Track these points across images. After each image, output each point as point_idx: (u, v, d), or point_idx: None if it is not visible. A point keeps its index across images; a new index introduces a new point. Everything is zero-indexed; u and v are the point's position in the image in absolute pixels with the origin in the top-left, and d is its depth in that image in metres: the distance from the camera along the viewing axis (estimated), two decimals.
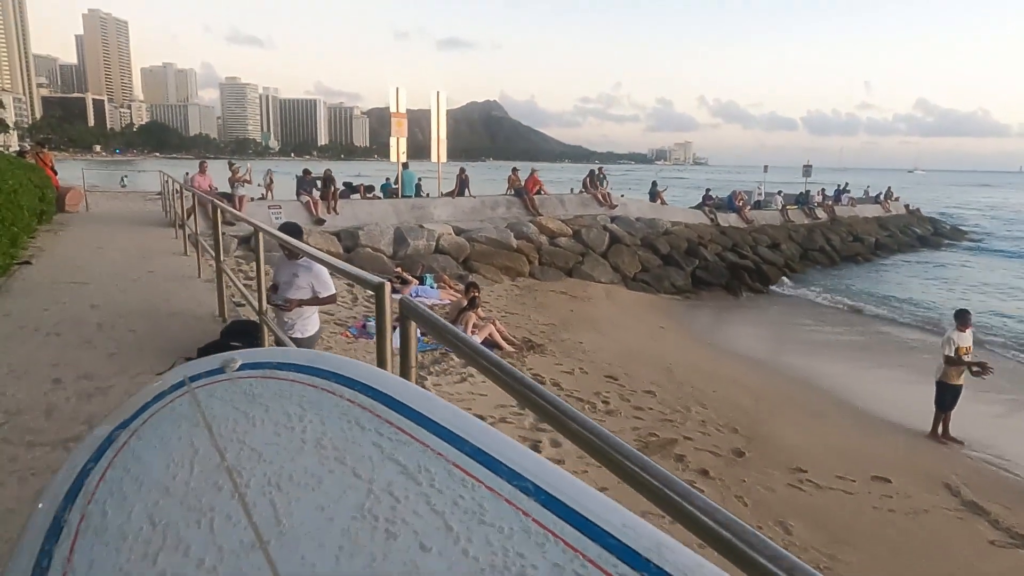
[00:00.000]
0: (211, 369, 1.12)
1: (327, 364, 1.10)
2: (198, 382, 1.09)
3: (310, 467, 0.86)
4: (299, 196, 14.18)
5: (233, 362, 1.12)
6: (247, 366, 1.12)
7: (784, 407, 7.99)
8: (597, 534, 0.69)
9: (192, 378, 1.10)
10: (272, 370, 1.11)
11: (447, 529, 0.73)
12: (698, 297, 16.36)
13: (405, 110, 15.45)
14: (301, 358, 1.13)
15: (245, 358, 1.14)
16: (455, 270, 13.87)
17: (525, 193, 17.64)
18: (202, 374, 1.11)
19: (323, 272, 4.72)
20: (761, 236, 22.47)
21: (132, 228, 12.26)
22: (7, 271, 6.99)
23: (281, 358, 1.14)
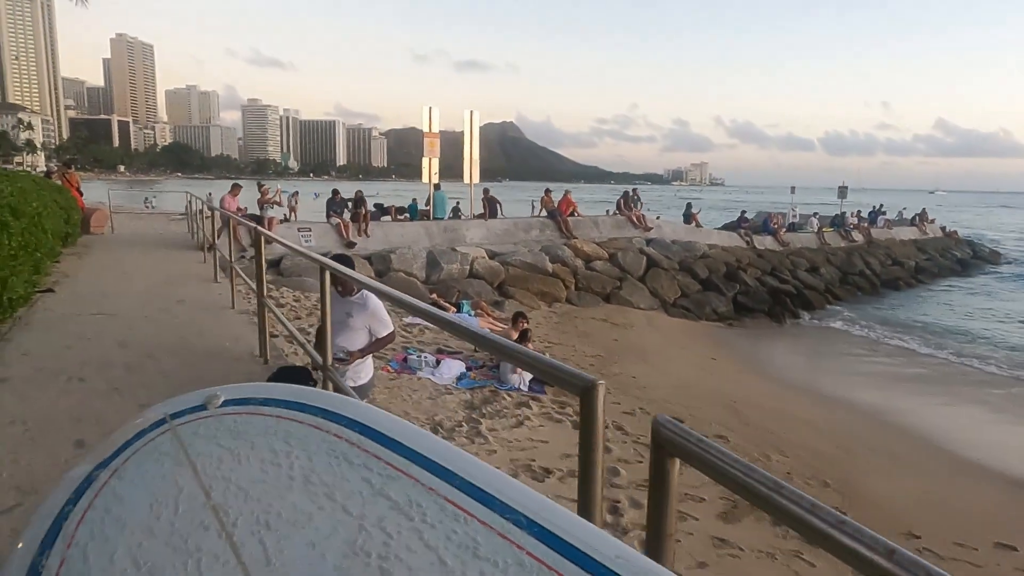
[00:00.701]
0: (193, 406, 1.11)
1: (312, 399, 1.10)
2: (180, 419, 1.08)
3: (299, 504, 0.86)
4: (329, 218, 13.70)
5: (216, 398, 1.12)
6: (230, 402, 1.11)
7: (868, 453, 7.23)
8: (592, 566, 0.70)
9: (173, 415, 1.09)
10: (256, 406, 1.10)
11: (441, 564, 0.74)
12: (741, 324, 15.59)
13: (438, 130, 14.98)
14: (285, 393, 1.13)
15: (227, 394, 1.13)
16: (490, 295, 13.26)
17: (559, 215, 17.06)
18: (184, 411, 1.10)
19: (379, 308, 4.13)
20: (799, 259, 21.69)
21: (158, 251, 11.80)
22: (29, 301, 6.48)
23: (265, 393, 1.14)
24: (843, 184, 28.49)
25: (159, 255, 11.25)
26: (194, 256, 11.22)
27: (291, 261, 12.17)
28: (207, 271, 9.53)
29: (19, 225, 6.32)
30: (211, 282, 8.55)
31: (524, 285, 13.99)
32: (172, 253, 11.58)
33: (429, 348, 8.93)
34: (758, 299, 17.13)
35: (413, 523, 0.80)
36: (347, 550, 0.77)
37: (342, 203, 13.83)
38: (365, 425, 1.01)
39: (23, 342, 5.09)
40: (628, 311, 14.45)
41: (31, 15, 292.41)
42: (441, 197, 15.65)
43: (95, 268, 9.24)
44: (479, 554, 0.74)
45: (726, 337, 13.74)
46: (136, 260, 10.37)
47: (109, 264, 9.74)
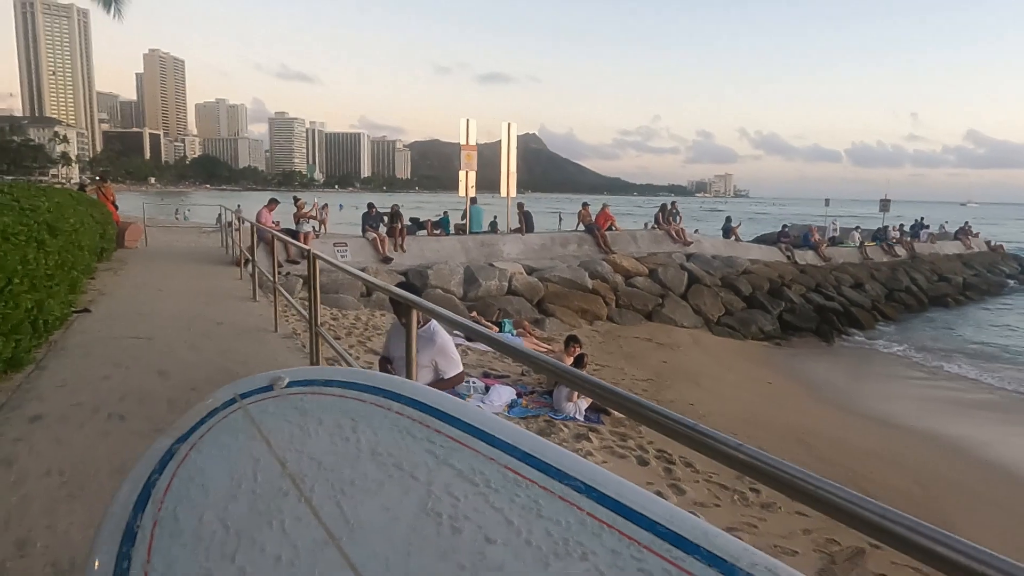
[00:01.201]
0: (260, 387, 1.18)
1: (371, 380, 1.17)
2: (249, 399, 1.15)
3: (369, 473, 0.93)
4: (365, 232, 13.37)
5: (280, 380, 1.18)
6: (294, 383, 1.18)
7: (960, 495, 6.61)
8: (647, 524, 0.75)
9: (243, 395, 1.16)
10: (319, 387, 1.17)
11: (508, 523, 0.80)
12: (789, 343, 14.93)
13: (475, 143, 14.63)
14: (346, 376, 1.21)
15: (292, 376, 1.20)
16: (530, 313, 12.81)
17: (596, 229, 16.58)
18: (252, 391, 1.17)
19: (448, 344, 3.69)
20: (843, 275, 20.91)
21: (193, 266, 11.56)
22: (64, 322, 6.17)
23: (326, 376, 1.21)
24: (885, 197, 27.61)
25: (194, 270, 10.99)
26: (229, 272, 10.95)
27: (327, 277, 11.83)
28: (244, 289, 9.21)
29: (56, 243, 6.03)
30: (250, 301, 8.22)
31: (564, 302, 13.51)
32: (207, 268, 11.32)
33: (474, 371, 8.50)
34: (804, 317, 16.46)
35: (478, 488, 0.86)
36: (419, 512, 0.84)
37: (378, 217, 13.51)
38: (423, 403, 1.09)
39: (59, 370, 4.74)
40: (672, 329, 13.90)
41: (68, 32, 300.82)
42: (478, 211, 15.27)
43: (130, 285, 8.97)
44: (542, 514, 0.80)
45: (776, 358, 13.11)
46: (171, 276, 10.10)
47: (144, 280, 9.48)
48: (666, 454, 6.37)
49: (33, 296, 4.93)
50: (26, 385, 4.38)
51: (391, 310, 11.32)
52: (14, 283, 4.45)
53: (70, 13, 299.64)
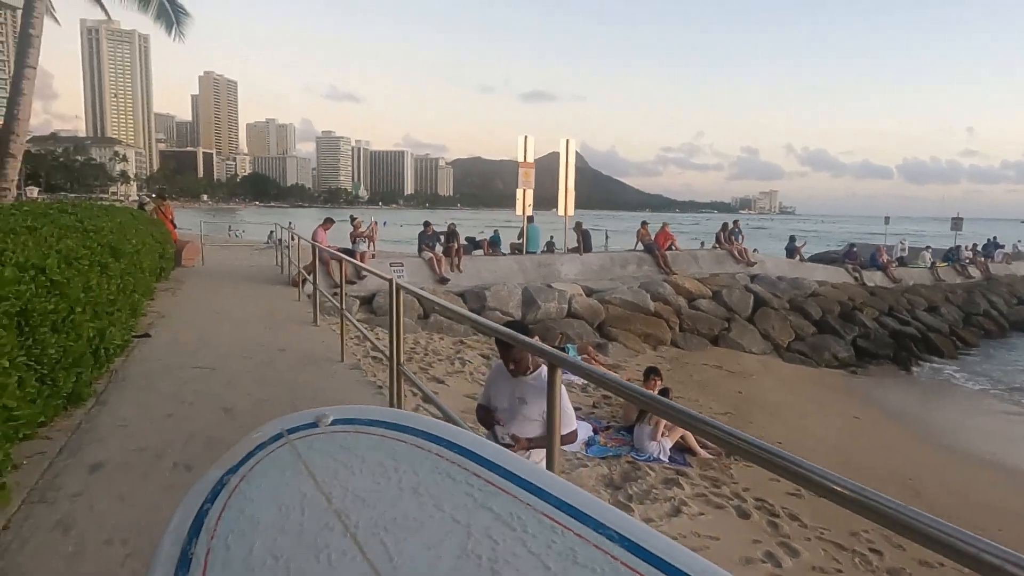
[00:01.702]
0: (306, 423, 1.24)
1: (412, 422, 1.24)
2: (295, 434, 1.20)
3: (411, 512, 0.97)
4: (421, 251, 13.04)
5: (325, 417, 1.24)
6: (338, 421, 1.24)
7: None
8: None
9: (290, 430, 1.22)
10: (362, 426, 1.23)
11: (545, 568, 0.82)
12: (866, 371, 13.98)
13: (534, 160, 14.21)
14: (388, 416, 1.28)
15: (336, 414, 1.26)
16: (591, 337, 12.25)
17: (656, 248, 15.94)
18: (298, 427, 1.23)
19: (563, 397, 3.18)
20: (916, 298, 19.71)
21: (249, 286, 11.36)
22: (126, 348, 5.89)
23: (369, 415, 1.28)
24: (957, 215, 26.11)
25: (251, 291, 10.78)
26: (286, 292, 10.70)
27: (383, 297, 11.50)
28: (303, 311, 8.91)
29: (118, 267, 5.77)
30: (310, 325, 7.88)
31: (626, 326, 12.91)
32: (263, 288, 11.11)
33: None
34: (880, 343, 15.47)
35: (515, 533, 0.90)
36: (460, 553, 0.87)
37: (434, 236, 13.16)
38: (462, 447, 1.15)
39: (120, 406, 4.40)
40: (740, 356, 13.14)
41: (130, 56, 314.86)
42: (535, 230, 14.82)
43: (189, 307, 8.75)
44: (578, 561, 0.83)
45: (857, 388, 12.21)
46: (229, 297, 9.89)
47: (202, 302, 9.26)
48: (766, 504, 5.72)
49: (95, 324, 4.63)
50: (86, 425, 4.04)
51: (457, 332, 10.91)
52: (76, 312, 4.14)
53: (132, 39, 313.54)
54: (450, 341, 10.54)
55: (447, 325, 11.18)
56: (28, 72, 10.58)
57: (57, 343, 3.80)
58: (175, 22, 17.00)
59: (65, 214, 6.95)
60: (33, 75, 10.76)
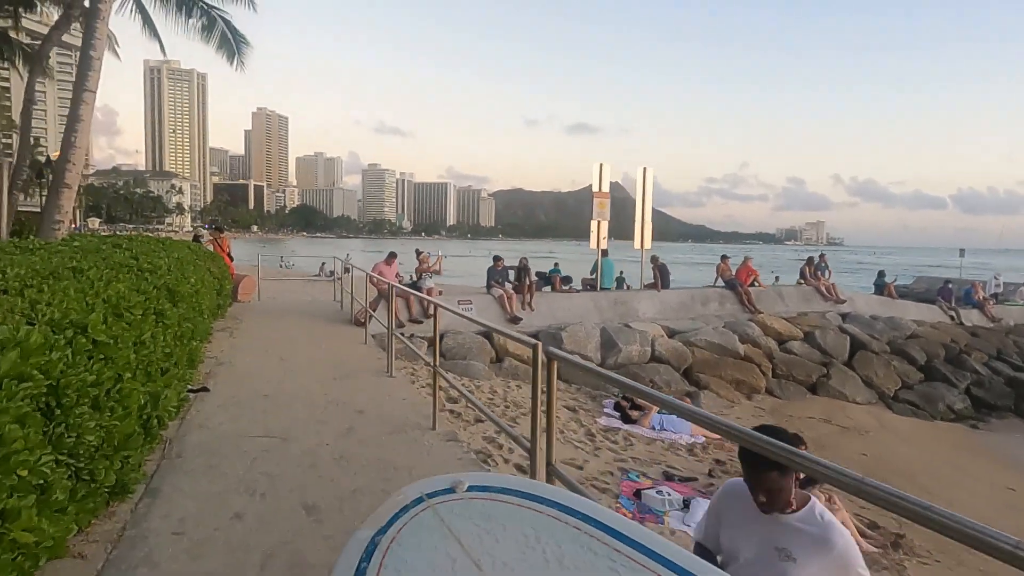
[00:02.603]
0: (444, 488, 1.28)
1: (548, 493, 1.27)
2: (435, 499, 1.25)
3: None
4: (490, 288, 12.06)
5: (461, 484, 1.28)
6: (474, 488, 1.27)
7: None
8: None
9: (429, 495, 1.26)
10: (499, 493, 1.26)
11: None
12: (988, 425, 12.33)
13: (608, 189, 13.18)
14: (523, 486, 1.29)
15: (472, 481, 1.30)
16: (679, 385, 11.02)
17: (739, 285, 14.66)
18: (437, 492, 1.27)
19: (854, 553, 2.03)
20: (1021, 340, 17.85)
21: (309, 324, 10.53)
22: (181, 408, 4.99)
23: (504, 484, 1.30)
24: None
25: (312, 330, 9.93)
26: (350, 333, 9.82)
27: (453, 340, 10.53)
28: (373, 357, 7.98)
29: (176, 313, 4.90)
30: (384, 376, 6.91)
31: (715, 371, 11.63)
32: (325, 328, 10.26)
33: (650, 470, 6.81)
34: (996, 392, 13.77)
35: None
36: None
37: (504, 272, 12.19)
38: (599, 521, 1.18)
39: (174, 501, 3.45)
40: (845, 406, 11.70)
41: (188, 93, 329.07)
42: (609, 264, 13.72)
43: (249, 351, 7.90)
44: None
45: (987, 446, 10.64)
46: (290, 338, 9.04)
47: (263, 344, 8.42)
48: None
49: (148, 388, 3.72)
50: (131, 530, 3.08)
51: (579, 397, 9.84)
52: (125, 380, 3.22)
53: (191, 77, 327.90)
54: (528, 390, 9.45)
55: (524, 371, 10.12)
56: (87, 96, 10.08)
57: (98, 424, 2.88)
58: (236, 51, 16.73)
59: (118, 250, 6.19)
60: (92, 99, 10.27)
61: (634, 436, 8.02)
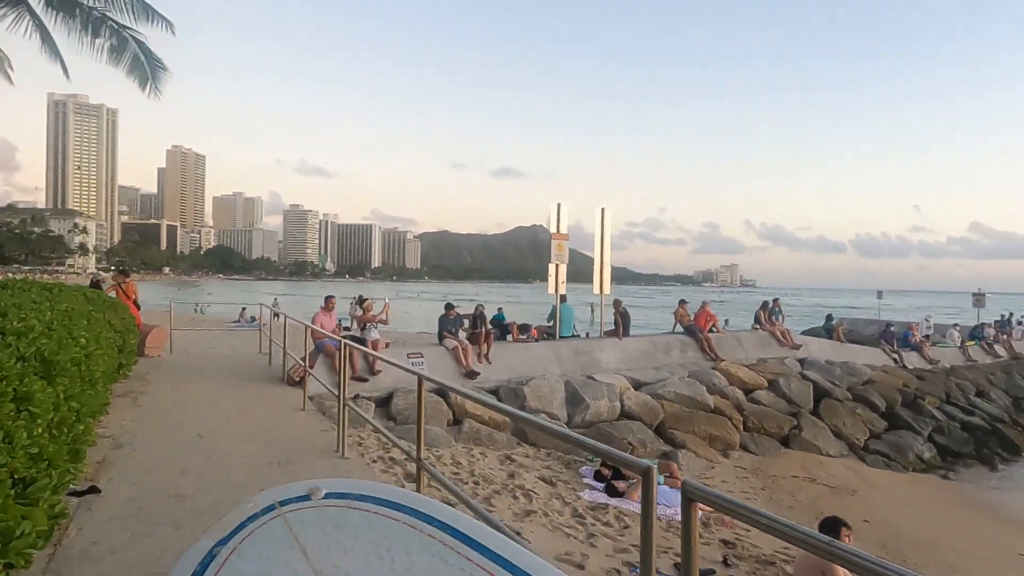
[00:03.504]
0: (299, 495, 1.27)
1: (408, 500, 1.24)
2: (288, 507, 1.22)
3: None
4: (442, 339, 10.80)
5: (318, 490, 1.26)
6: (331, 495, 1.26)
7: None
8: None
9: (282, 502, 1.24)
10: (356, 501, 1.24)
11: None
12: (957, 475, 12.00)
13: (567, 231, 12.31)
14: (382, 492, 1.29)
15: (329, 487, 1.28)
16: (654, 444, 10.05)
17: (699, 331, 14.00)
18: (291, 499, 1.25)
19: None
20: (962, 382, 18.04)
21: (232, 385, 8.97)
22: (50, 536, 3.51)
23: (362, 490, 1.29)
24: (979, 291, 24.96)
25: (237, 393, 8.39)
26: (283, 395, 8.35)
27: (404, 400, 9.21)
28: (316, 429, 6.59)
29: (51, 394, 3.48)
30: (335, 456, 5.57)
31: (688, 427, 10.76)
32: (253, 389, 8.72)
33: (658, 561, 5.70)
34: (956, 438, 13.58)
35: None
36: None
37: (457, 320, 10.99)
38: (456, 529, 1.15)
39: None
40: (823, 461, 11.05)
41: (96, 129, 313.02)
42: (569, 311, 12.76)
43: (157, 425, 6.36)
44: None
45: (978, 500, 10.18)
46: (210, 404, 7.50)
47: (175, 415, 6.87)
48: None
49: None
50: None
51: (499, 444, 8.62)
52: None
53: (100, 112, 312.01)
54: (494, 458, 8.22)
55: (486, 434, 8.88)
56: None
57: None
58: (150, 76, 15.08)
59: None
60: None
61: (626, 514, 6.92)
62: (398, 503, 1.21)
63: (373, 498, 1.23)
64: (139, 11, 14.89)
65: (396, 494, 1.26)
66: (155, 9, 15.15)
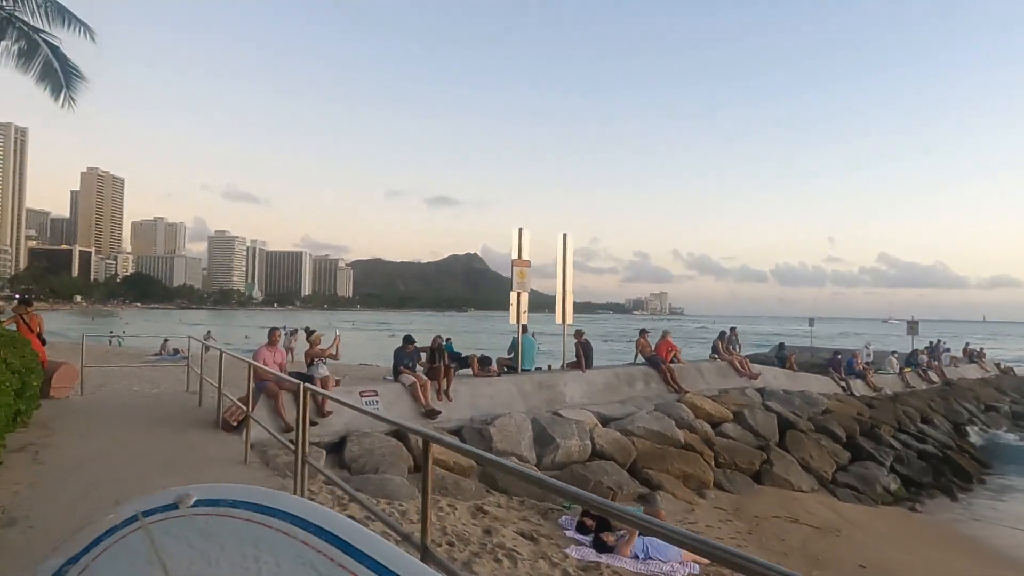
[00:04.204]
0: (165, 504, 1.14)
1: (283, 504, 1.14)
2: (152, 517, 1.11)
3: None
4: (398, 375, 9.82)
5: (188, 497, 1.15)
6: (202, 502, 1.14)
7: None
8: None
9: (146, 512, 1.12)
10: (228, 508, 1.14)
11: None
12: (924, 506, 11.84)
13: (529, 258, 11.61)
14: (257, 497, 1.17)
15: (200, 494, 1.16)
16: (630, 485, 9.34)
17: (661, 362, 13.52)
18: (156, 509, 1.13)
19: None
20: (907, 408, 18.31)
21: (157, 433, 7.73)
22: None
23: (236, 495, 1.17)
24: (912, 318, 25.74)
25: (164, 444, 7.18)
26: (219, 444, 7.20)
27: (359, 446, 8.18)
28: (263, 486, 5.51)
29: None
30: None
31: (662, 465, 10.12)
32: (182, 437, 7.52)
33: None
34: (915, 468, 13.52)
35: None
36: None
37: (414, 355, 10.04)
38: (331, 533, 1.08)
39: None
40: (797, 497, 10.63)
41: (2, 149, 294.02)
42: (530, 343, 11.99)
43: (61, 490, 5.17)
44: None
45: (950, 533, 9.91)
46: (131, 461, 6.31)
47: (86, 475, 5.68)
48: None
49: None
50: None
51: (467, 493, 7.71)
52: None
53: (7, 131, 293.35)
54: (465, 510, 7.30)
55: (452, 482, 7.95)
56: None
57: None
58: (64, 84, 13.66)
59: None
60: None
61: (619, 573, 6.14)
62: (274, 508, 1.12)
63: (247, 503, 1.13)
64: (53, 13, 13.52)
65: (273, 498, 1.17)
66: (72, 12, 13.78)
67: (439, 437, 3.13)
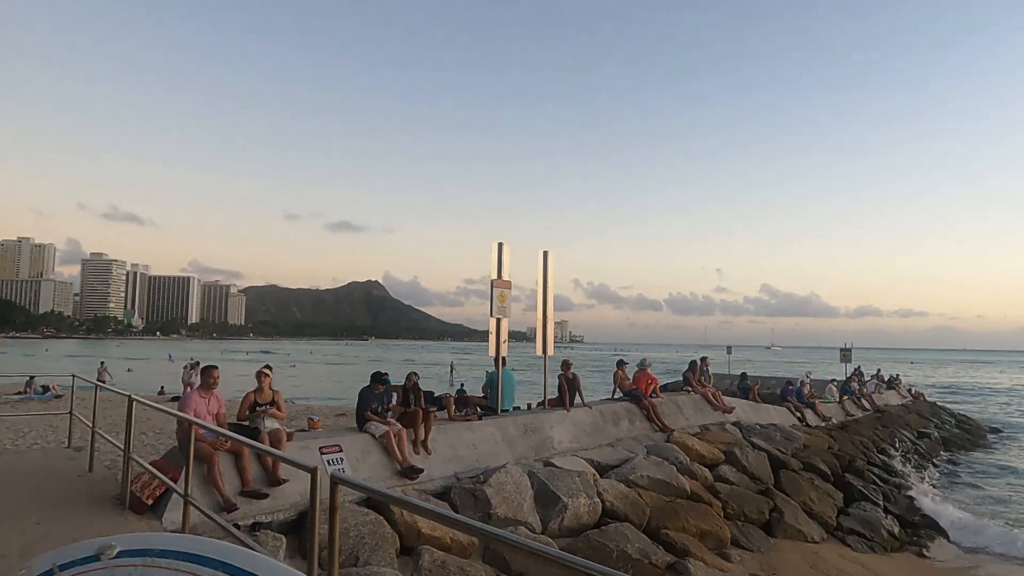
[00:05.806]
0: (85, 556, 1.11)
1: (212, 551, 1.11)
2: (69, 571, 1.06)
3: None
4: (365, 423, 7.71)
5: (110, 548, 1.12)
6: (125, 553, 1.11)
7: None
8: None
9: (62, 566, 1.08)
10: (153, 558, 1.10)
11: None
12: (928, 549, 10.97)
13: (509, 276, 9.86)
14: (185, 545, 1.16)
15: (124, 544, 1.13)
16: (657, 555, 7.69)
17: (642, 397, 12.10)
18: (74, 562, 1.09)
19: None
20: (861, 438, 17.92)
21: (29, 522, 5.33)
22: None
23: (163, 544, 1.16)
24: (846, 346, 25.96)
25: (38, 543, 4.83)
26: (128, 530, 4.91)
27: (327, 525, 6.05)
28: None
29: None
30: None
31: (678, 523, 8.56)
32: (67, 528, 5.17)
33: None
34: (903, 506, 12.75)
35: None
36: None
37: (385, 396, 7.97)
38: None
39: None
40: (816, 550, 9.41)
41: None
42: (511, 378, 10.18)
43: None
44: None
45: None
46: None
47: None
48: None
49: None
50: None
51: None
52: None
53: None
54: None
55: (456, 568, 6.00)
56: None
57: None
58: None
59: None
60: None
61: None
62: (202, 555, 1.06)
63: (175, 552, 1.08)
64: None
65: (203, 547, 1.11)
66: None
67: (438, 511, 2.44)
